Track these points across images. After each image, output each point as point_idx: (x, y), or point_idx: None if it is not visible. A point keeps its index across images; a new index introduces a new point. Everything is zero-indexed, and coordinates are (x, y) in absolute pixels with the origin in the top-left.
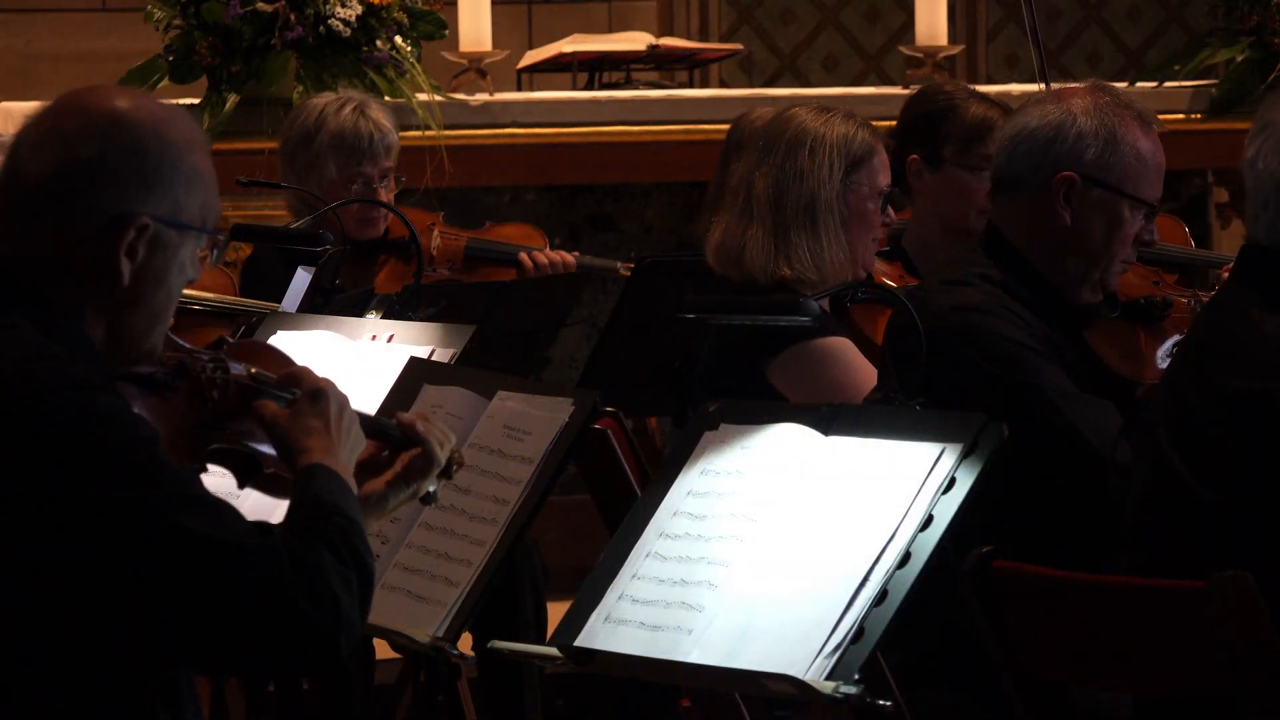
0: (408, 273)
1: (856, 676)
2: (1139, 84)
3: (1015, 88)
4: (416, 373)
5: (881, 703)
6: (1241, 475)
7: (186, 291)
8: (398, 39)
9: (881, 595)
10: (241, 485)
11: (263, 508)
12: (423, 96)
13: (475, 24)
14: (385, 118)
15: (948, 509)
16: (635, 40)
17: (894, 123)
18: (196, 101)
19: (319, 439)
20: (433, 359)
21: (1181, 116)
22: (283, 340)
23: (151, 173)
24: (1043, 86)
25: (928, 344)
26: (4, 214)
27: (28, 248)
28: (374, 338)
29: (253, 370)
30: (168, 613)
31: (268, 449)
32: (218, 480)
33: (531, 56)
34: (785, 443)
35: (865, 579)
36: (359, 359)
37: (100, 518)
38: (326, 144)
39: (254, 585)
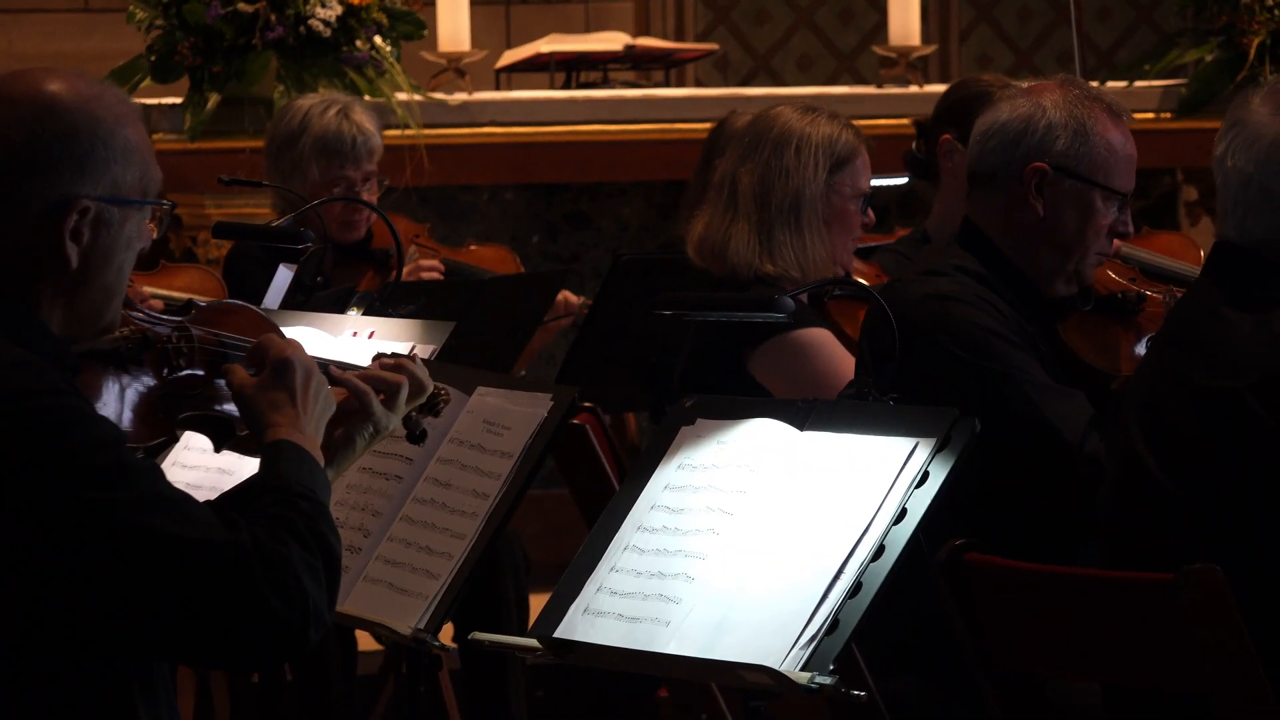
0: None
1: (831, 667)
2: (1110, 83)
3: None
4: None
5: (855, 693)
6: (1211, 472)
7: (177, 294)
8: (377, 39)
9: (856, 587)
10: (218, 449)
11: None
12: (402, 96)
13: (454, 24)
14: (369, 121)
15: (921, 502)
16: (612, 40)
17: (873, 121)
18: (179, 101)
19: (285, 412)
20: (412, 355)
21: (1151, 116)
22: None
23: (86, 153)
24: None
25: (903, 331)
26: None
27: None
28: (355, 334)
29: (217, 334)
30: (137, 611)
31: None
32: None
33: (509, 56)
34: (761, 437)
35: (840, 571)
36: (341, 355)
37: (68, 520)
38: (310, 147)
39: (222, 582)
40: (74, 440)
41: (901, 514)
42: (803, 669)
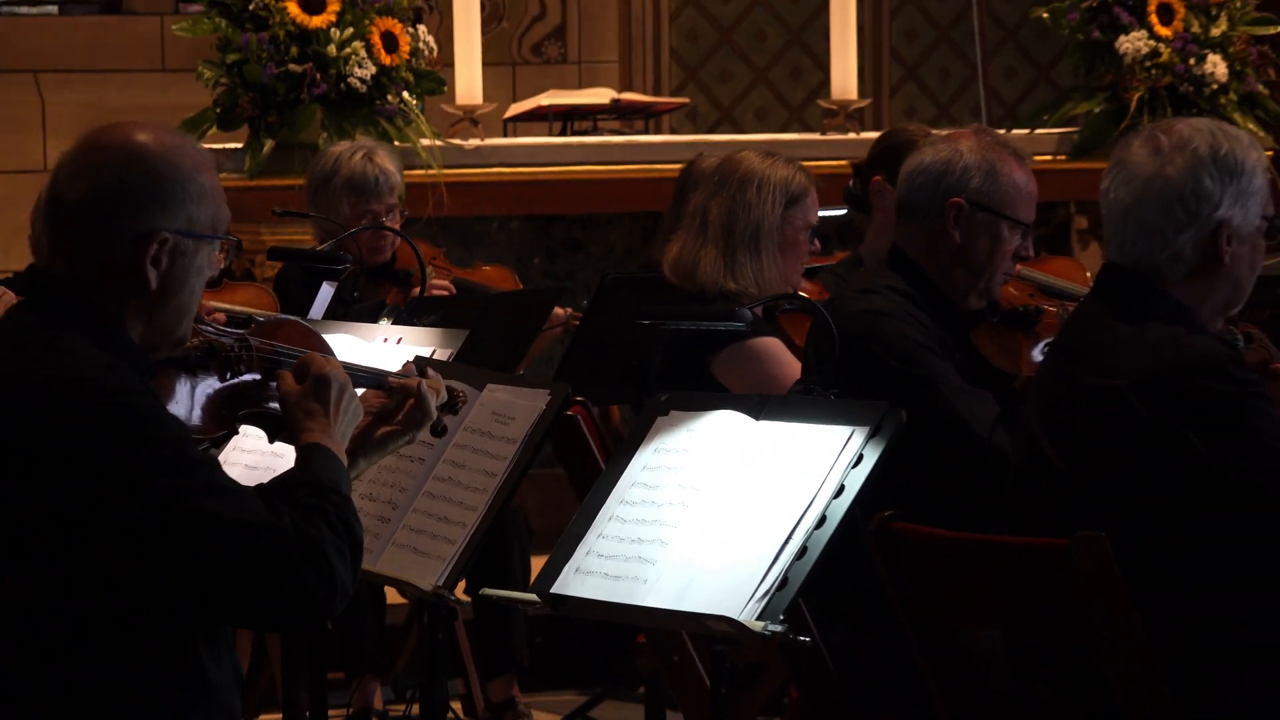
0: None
1: (781, 618)
2: (1014, 130)
3: None
4: (421, 369)
5: (802, 639)
6: (1097, 456)
7: (238, 308)
8: (405, 94)
9: (802, 551)
10: (272, 440)
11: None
12: (425, 141)
13: (469, 81)
14: (389, 161)
15: (857, 480)
16: (600, 95)
17: (818, 163)
18: (239, 146)
19: (319, 420)
20: (434, 357)
21: (1049, 157)
22: None
23: (166, 194)
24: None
25: (841, 341)
26: (52, 237)
27: (74, 265)
28: (386, 340)
29: (272, 344)
30: (193, 579)
31: None
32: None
33: (515, 108)
34: (723, 426)
35: (789, 538)
36: (374, 357)
37: (140, 502)
38: (340, 187)
39: (267, 558)
40: (148, 434)
41: (840, 490)
42: (758, 619)
